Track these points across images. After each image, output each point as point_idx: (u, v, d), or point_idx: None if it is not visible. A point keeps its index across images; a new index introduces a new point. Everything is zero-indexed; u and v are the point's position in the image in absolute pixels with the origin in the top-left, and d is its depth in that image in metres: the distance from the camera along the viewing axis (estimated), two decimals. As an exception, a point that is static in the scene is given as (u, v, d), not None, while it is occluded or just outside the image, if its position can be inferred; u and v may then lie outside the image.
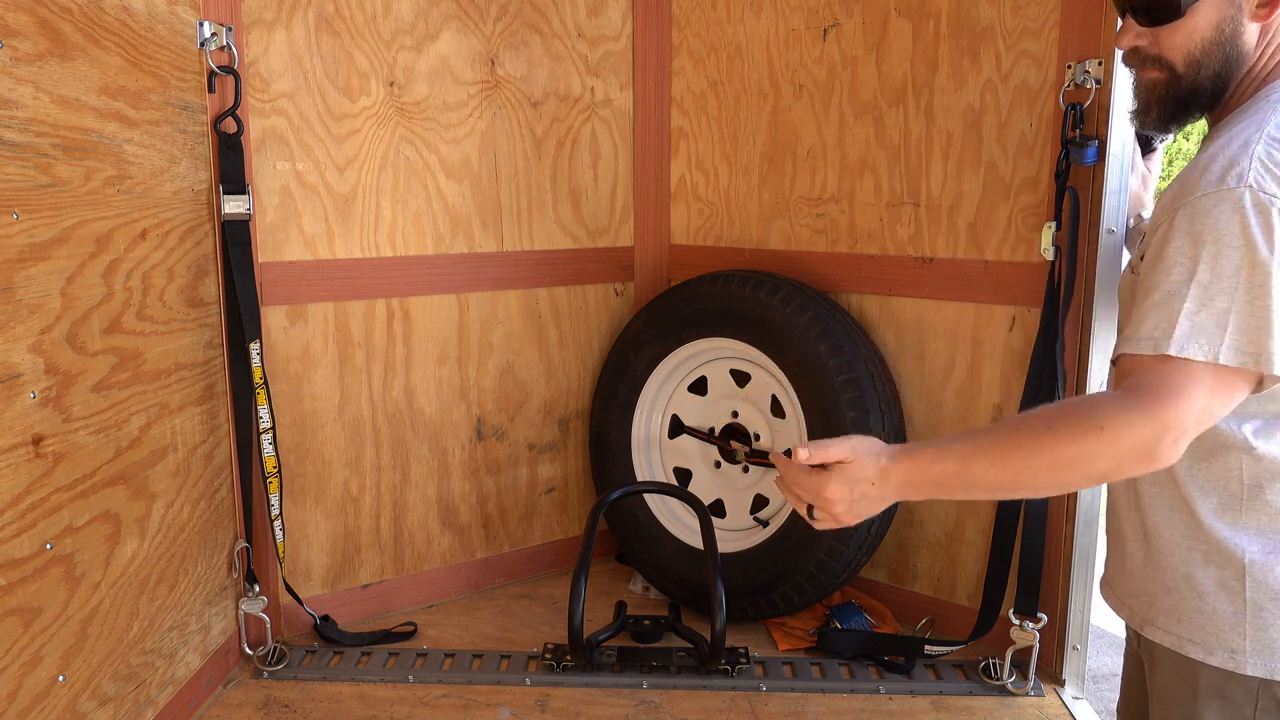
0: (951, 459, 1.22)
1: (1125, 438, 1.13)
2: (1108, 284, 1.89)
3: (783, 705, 1.93)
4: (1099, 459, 1.14)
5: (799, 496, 1.33)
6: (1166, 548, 1.34)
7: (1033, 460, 1.17)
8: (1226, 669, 1.29)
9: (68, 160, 1.45)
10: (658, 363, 2.42)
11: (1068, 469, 1.16)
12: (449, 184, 2.31)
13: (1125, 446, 1.13)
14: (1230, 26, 1.27)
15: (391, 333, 2.27)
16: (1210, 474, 1.29)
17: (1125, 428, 1.13)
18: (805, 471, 1.30)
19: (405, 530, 2.37)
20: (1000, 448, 1.19)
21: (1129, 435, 1.13)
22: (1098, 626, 3.88)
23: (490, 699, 1.95)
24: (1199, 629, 1.31)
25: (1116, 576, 1.46)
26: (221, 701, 1.93)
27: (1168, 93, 1.33)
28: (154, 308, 1.72)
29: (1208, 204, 1.16)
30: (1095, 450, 1.14)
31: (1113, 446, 1.13)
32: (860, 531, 2.10)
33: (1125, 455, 1.14)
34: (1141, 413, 1.13)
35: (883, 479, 1.27)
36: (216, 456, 1.97)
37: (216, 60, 1.91)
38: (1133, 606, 1.40)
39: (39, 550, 1.38)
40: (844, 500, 1.29)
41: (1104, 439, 1.13)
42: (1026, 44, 1.99)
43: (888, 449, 1.28)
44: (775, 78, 2.39)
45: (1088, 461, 1.15)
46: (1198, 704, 1.32)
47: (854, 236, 2.30)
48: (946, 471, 1.23)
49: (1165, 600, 1.35)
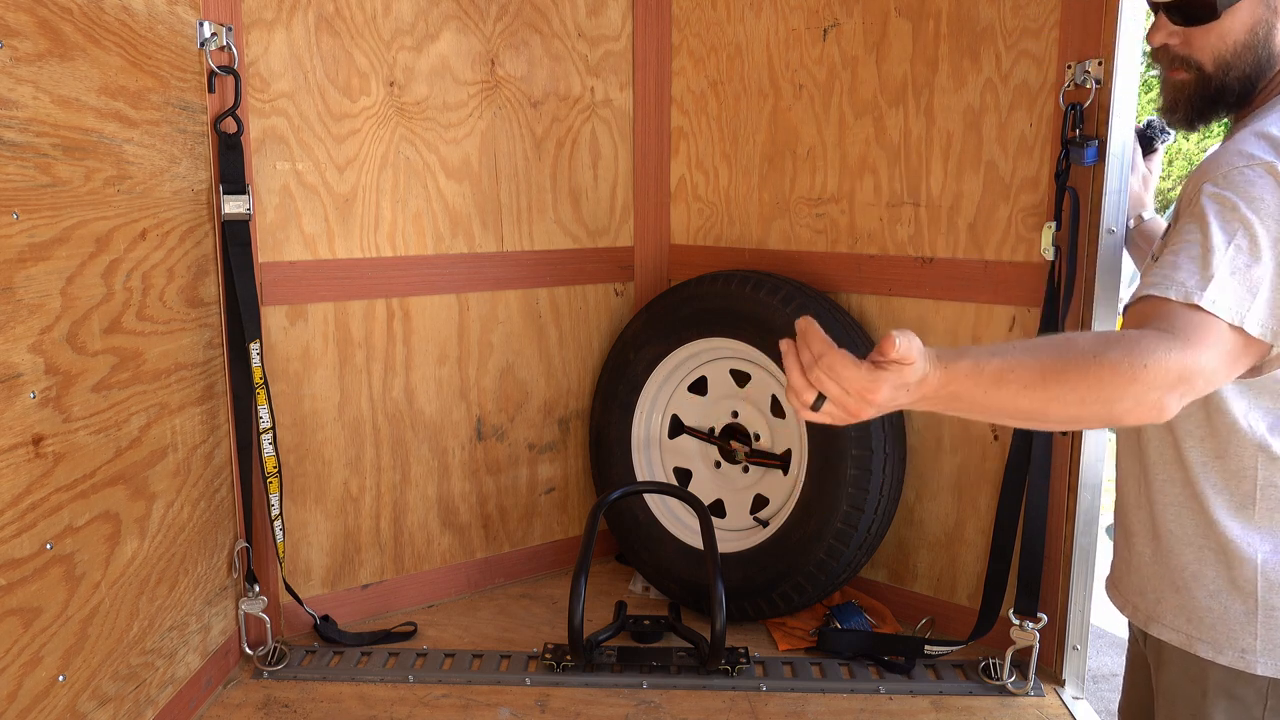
0: (985, 378, 1.09)
1: (1162, 378, 1.07)
2: (1108, 284, 1.89)
3: (783, 705, 1.93)
4: (1130, 398, 1.07)
5: (816, 382, 1.09)
6: (1177, 545, 1.33)
7: (1067, 390, 1.08)
8: (1236, 668, 1.29)
9: (68, 160, 1.45)
10: (658, 363, 2.42)
11: (1097, 403, 1.08)
12: (449, 184, 2.31)
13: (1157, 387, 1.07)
14: (1264, 29, 1.26)
15: (391, 333, 2.27)
16: (1224, 472, 1.29)
17: (1162, 368, 1.07)
18: (853, 363, 1.07)
19: (405, 530, 2.37)
20: (1039, 372, 1.09)
21: (1163, 375, 1.07)
22: (1098, 626, 3.88)
23: (490, 699, 1.95)
24: (1209, 628, 1.31)
25: (1122, 574, 1.46)
26: (221, 701, 1.93)
27: (1195, 93, 1.32)
28: (154, 308, 1.71)
29: (1250, 175, 1.14)
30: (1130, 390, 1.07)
31: (1147, 385, 1.07)
32: (860, 531, 2.10)
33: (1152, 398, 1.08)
34: (1176, 356, 1.08)
35: (919, 385, 1.11)
36: (216, 456, 1.97)
37: (216, 60, 1.91)
38: (1137, 604, 1.40)
39: (39, 550, 1.38)
40: (882, 405, 1.10)
41: (1144, 377, 1.07)
42: (1026, 44, 1.99)
43: (931, 354, 1.11)
44: (775, 78, 2.39)
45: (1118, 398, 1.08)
46: (1206, 703, 1.31)
47: (854, 236, 2.30)
48: (974, 389, 1.10)
49: (1174, 598, 1.34)
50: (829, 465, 2.11)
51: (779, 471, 2.32)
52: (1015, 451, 2.00)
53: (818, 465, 2.14)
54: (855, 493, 2.08)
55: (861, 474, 2.08)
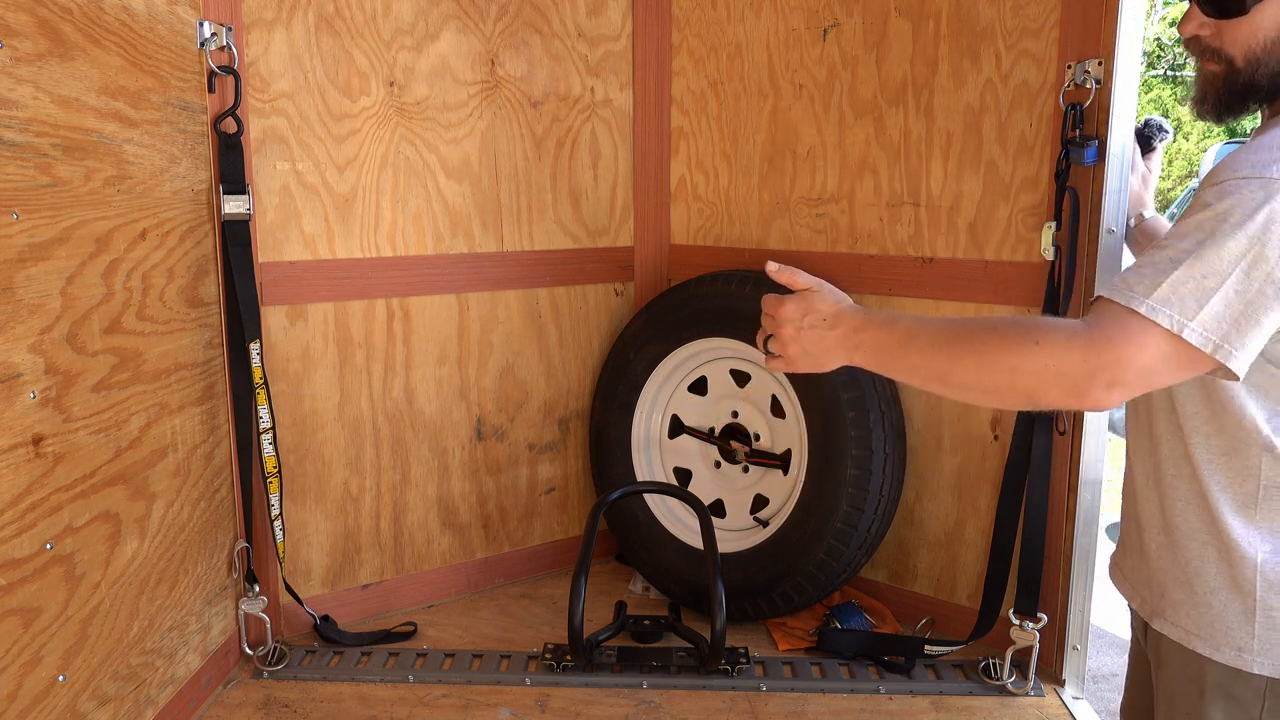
0: (898, 330, 1.25)
1: (1055, 360, 1.13)
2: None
3: (783, 705, 1.93)
4: (1026, 373, 1.15)
5: (762, 323, 1.36)
6: (1184, 540, 1.34)
7: (967, 354, 1.19)
8: (1233, 667, 1.29)
9: (68, 160, 1.45)
10: (658, 363, 2.42)
11: (996, 372, 1.17)
12: (449, 184, 2.31)
13: (1053, 369, 1.13)
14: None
15: (391, 333, 2.27)
16: (1229, 470, 1.29)
17: (1059, 351, 1.13)
18: (776, 296, 1.35)
19: (405, 530, 2.37)
20: (944, 335, 1.21)
21: (1059, 359, 1.13)
22: (1098, 626, 3.88)
23: (490, 699, 1.95)
24: (1207, 624, 1.31)
25: (1130, 562, 1.46)
26: (221, 701, 1.93)
27: (1225, 85, 1.31)
28: (154, 308, 1.72)
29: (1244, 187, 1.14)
30: (1025, 363, 1.14)
31: (1042, 364, 1.14)
32: (860, 531, 2.10)
33: (1052, 379, 1.14)
34: (1080, 344, 1.13)
35: (834, 319, 1.30)
36: (216, 456, 1.97)
37: (216, 60, 1.91)
38: (1145, 596, 1.41)
39: (39, 550, 1.38)
40: (793, 323, 1.31)
41: (1036, 354, 1.14)
42: (1026, 44, 1.99)
43: (852, 303, 1.33)
44: (775, 78, 2.39)
45: (1016, 372, 1.15)
46: (1204, 702, 1.32)
47: (854, 236, 2.30)
48: (889, 339, 1.25)
49: (1177, 593, 1.35)
50: (829, 465, 2.11)
51: (779, 471, 2.32)
52: (1015, 451, 2.00)
53: (818, 465, 2.14)
54: (855, 493, 2.08)
55: (861, 474, 2.08)
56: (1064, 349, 1.13)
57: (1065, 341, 1.14)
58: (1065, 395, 1.14)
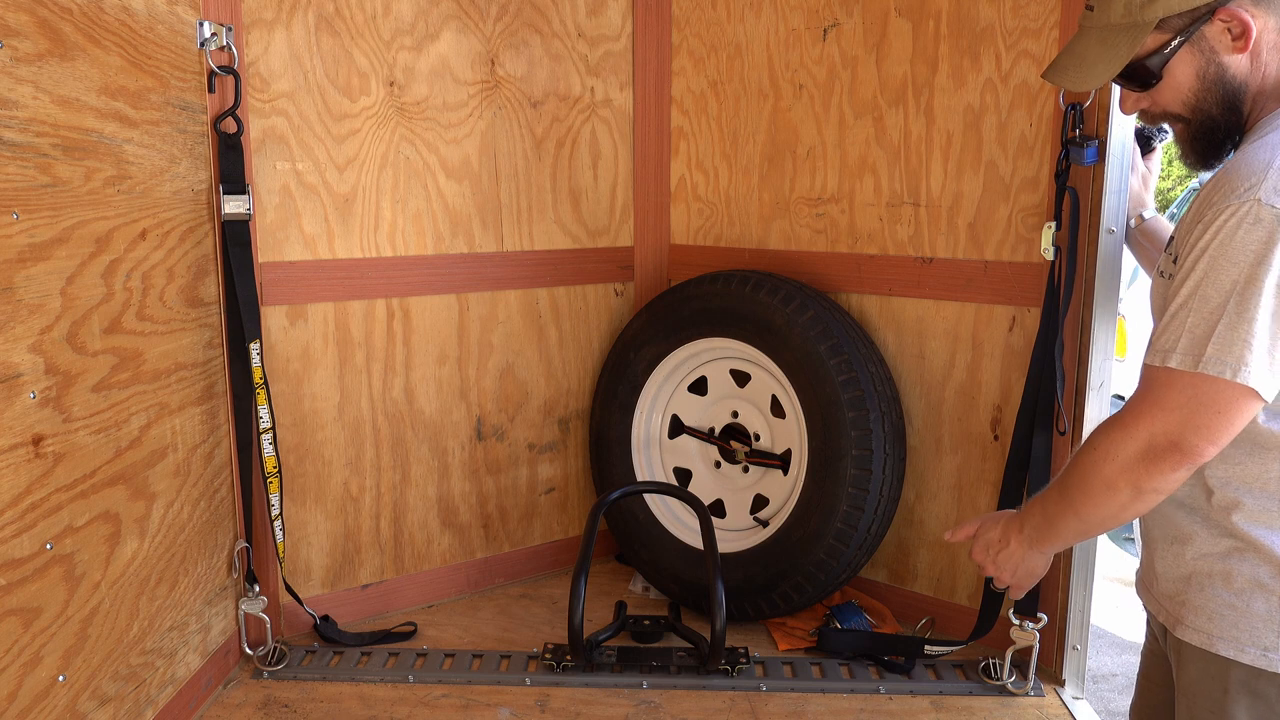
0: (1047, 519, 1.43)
1: (1124, 449, 1.26)
2: (1107, 284, 1.89)
3: (783, 705, 1.93)
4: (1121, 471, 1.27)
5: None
6: (1207, 545, 1.34)
7: (1087, 490, 1.32)
8: (1258, 667, 1.29)
9: (68, 160, 1.45)
10: (658, 363, 2.42)
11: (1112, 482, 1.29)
12: (449, 184, 2.31)
13: (1130, 456, 1.25)
14: (1212, 70, 1.32)
15: (391, 333, 2.27)
16: (1247, 475, 1.29)
17: (1120, 442, 1.26)
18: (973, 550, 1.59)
19: (405, 530, 2.37)
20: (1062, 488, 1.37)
21: (1126, 447, 1.26)
22: (1098, 626, 3.88)
23: (490, 699, 1.95)
24: (1231, 626, 1.31)
25: (1150, 577, 1.47)
26: (221, 701, 1.93)
27: (1192, 135, 1.38)
28: (154, 308, 1.72)
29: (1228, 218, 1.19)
30: (1114, 467, 1.27)
31: (1121, 458, 1.26)
32: (860, 531, 2.10)
33: (1140, 463, 1.25)
34: (1124, 425, 1.26)
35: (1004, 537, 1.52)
36: (216, 456, 1.97)
37: (216, 60, 1.91)
38: (1168, 608, 1.41)
39: (39, 550, 1.38)
40: (989, 559, 1.55)
41: (1112, 456, 1.27)
42: (1026, 44, 1.99)
43: (1011, 513, 1.53)
44: (775, 78, 2.39)
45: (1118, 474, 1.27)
46: (1228, 700, 1.32)
47: (854, 236, 2.30)
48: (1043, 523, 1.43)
49: (1197, 598, 1.35)
50: (829, 465, 2.11)
51: (779, 471, 2.32)
52: (1015, 451, 1.99)
53: (818, 465, 2.14)
54: (855, 493, 2.08)
55: (861, 474, 2.08)
56: (1119, 436, 1.26)
57: (1115, 430, 1.27)
58: (1159, 464, 1.24)
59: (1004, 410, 2.11)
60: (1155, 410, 1.23)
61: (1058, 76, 1.42)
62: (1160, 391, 1.23)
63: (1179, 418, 1.21)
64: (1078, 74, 1.39)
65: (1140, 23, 1.30)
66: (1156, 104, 1.37)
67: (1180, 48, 1.30)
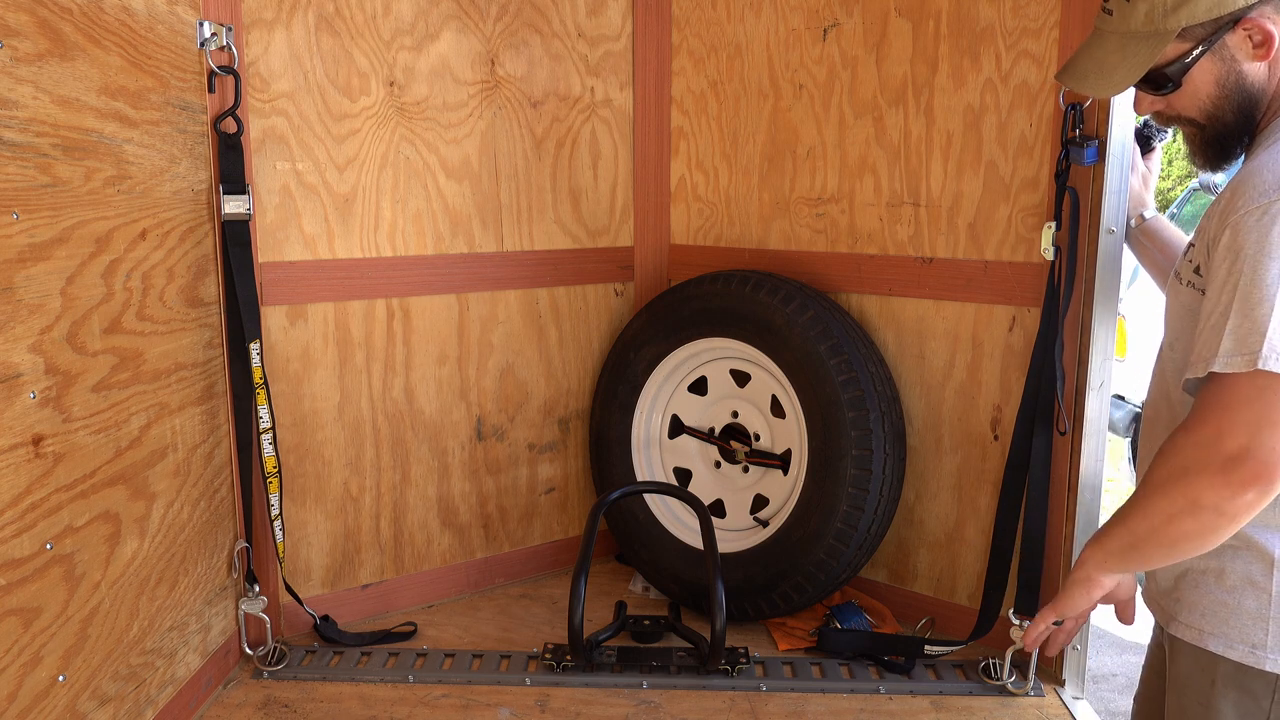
0: (1116, 556, 1.37)
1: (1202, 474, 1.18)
2: (1108, 284, 1.89)
3: (783, 705, 1.93)
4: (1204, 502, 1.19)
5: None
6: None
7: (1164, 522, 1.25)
8: (1246, 664, 1.29)
9: (68, 160, 1.45)
10: (658, 363, 2.42)
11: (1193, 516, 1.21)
12: (449, 184, 2.31)
13: (1209, 482, 1.17)
14: (1232, 77, 1.30)
15: (391, 333, 2.27)
16: None
17: (1196, 464, 1.18)
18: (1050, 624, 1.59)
19: (405, 530, 2.37)
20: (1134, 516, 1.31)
21: (1205, 471, 1.17)
22: (1098, 626, 3.88)
23: (490, 699, 1.95)
24: (1221, 622, 1.32)
25: (1150, 574, 1.47)
26: (221, 701, 1.93)
27: (1203, 140, 1.37)
28: (154, 308, 1.72)
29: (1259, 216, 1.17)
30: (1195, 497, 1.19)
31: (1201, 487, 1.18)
32: (860, 531, 2.10)
33: (1224, 488, 1.16)
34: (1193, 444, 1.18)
35: (1075, 571, 1.45)
36: (216, 456, 1.97)
37: (216, 60, 1.91)
38: (1164, 605, 1.42)
39: (39, 550, 1.38)
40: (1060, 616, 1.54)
41: (1190, 486, 1.19)
42: (1026, 44, 1.99)
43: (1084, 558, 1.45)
44: (775, 78, 2.39)
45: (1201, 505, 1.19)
46: (1215, 693, 1.32)
47: (854, 236, 2.30)
48: (1121, 564, 1.38)
49: (1190, 595, 1.36)
50: (829, 465, 2.11)
51: (779, 471, 2.32)
52: (1015, 451, 2.00)
53: (818, 465, 2.14)
54: (855, 493, 2.08)
55: (861, 474, 2.08)
56: (1193, 456, 1.18)
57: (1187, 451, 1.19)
58: (1242, 484, 1.16)
59: (1004, 410, 2.11)
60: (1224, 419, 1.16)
61: (1077, 82, 1.41)
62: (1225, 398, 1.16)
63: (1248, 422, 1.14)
64: (1098, 80, 1.37)
65: (1162, 31, 1.29)
66: (1171, 107, 1.37)
67: (1202, 56, 1.30)
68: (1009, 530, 2.02)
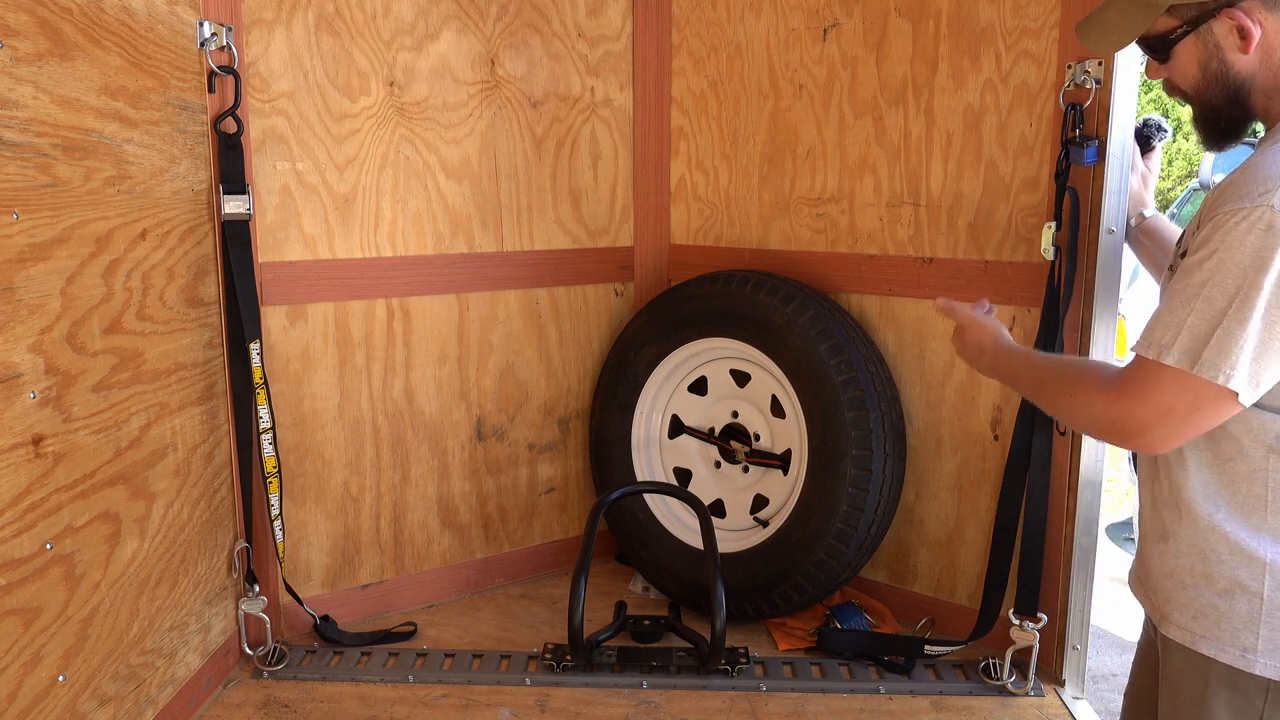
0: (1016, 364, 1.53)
1: (1088, 409, 1.31)
2: (1108, 284, 1.89)
3: (783, 705, 1.93)
4: (1072, 416, 1.37)
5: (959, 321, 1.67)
6: (1186, 545, 1.35)
7: (1042, 394, 1.43)
8: (1237, 667, 1.30)
9: (68, 160, 1.45)
10: (658, 363, 2.42)
11: (1057, 412, 1.45)
12: (449, 184, 2.31)
13: (1088, 416, 1.32)
14: (1214, 64, 1.34)
15: (391, 333, 2.27)
16: (1233, 475, 1.30)
17: (1089, 401, 1.31)
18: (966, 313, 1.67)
19: (405, 530, 2.37)
20: (1034, 375, 1.47)
21: (1090, 408, 1.31)
22: (1098, 626, 3.88)
23: (490, 699, 1.95)
24: (1213, 625, 1.32)
25: (1141, 571, 1.48)
26: (221, 701, 1.93)
27: (1199, 116, 1.40)
28: (154, 308, 1.71)
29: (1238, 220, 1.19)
30: (1069, 407, 1.35)
31: (1079, 410, 1.33)
32: (860, 531, 2.10)
33: (1091, 424, 1.33)
34: (1105, 394, 1.29)
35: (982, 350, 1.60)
36: (216, 456, 1.97)
37: (216, 60, 1.91)
38: (1156, 604, 1.42)
39: (39, 550, 1.38)
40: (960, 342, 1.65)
41: (1075, 402, 1.33)
42: (1026, 44, 1.99)
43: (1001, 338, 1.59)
44: (775, 78, 2.39)
45: (1070, 414, 1.37)
46: (1208, 692, 1.32)
47: (854, 236, 2.30)
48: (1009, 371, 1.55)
49: (1181, 596, 1.36)
50: (829, 465, 2.11)
51: (779, 471, 2.32)
52: (1015, 451, 2.00)
53: (818, 465, 2.14)
54: (855, 493, 2.08)
55: (861, 474, 2.08)
56: (1090, 400, 1.31)
57: (1093, 393, 1.31)
58: (1108, 436, 1.33)
59: (1004, 410, 2.11)
60: (1139, 400, 1.25)
61: (1083, 35, 1.46)
62: (1151, 383, 1.24)
63: (1157, 412, 1.23)
64: (1099, 37, 1.43)
65: (1154, 3, 1.34)
66: (1171, 78, 1.40)
67: (1185, 37, 1.33)
68: (1009, 530, 2.02)
